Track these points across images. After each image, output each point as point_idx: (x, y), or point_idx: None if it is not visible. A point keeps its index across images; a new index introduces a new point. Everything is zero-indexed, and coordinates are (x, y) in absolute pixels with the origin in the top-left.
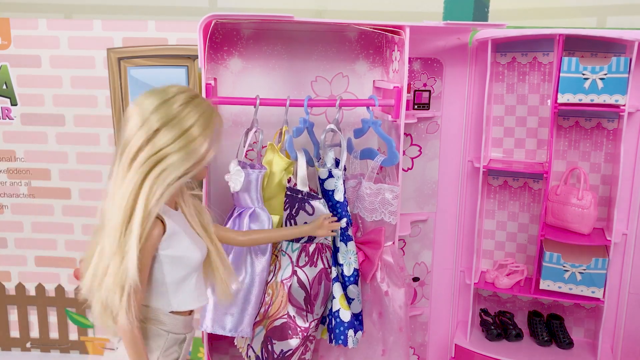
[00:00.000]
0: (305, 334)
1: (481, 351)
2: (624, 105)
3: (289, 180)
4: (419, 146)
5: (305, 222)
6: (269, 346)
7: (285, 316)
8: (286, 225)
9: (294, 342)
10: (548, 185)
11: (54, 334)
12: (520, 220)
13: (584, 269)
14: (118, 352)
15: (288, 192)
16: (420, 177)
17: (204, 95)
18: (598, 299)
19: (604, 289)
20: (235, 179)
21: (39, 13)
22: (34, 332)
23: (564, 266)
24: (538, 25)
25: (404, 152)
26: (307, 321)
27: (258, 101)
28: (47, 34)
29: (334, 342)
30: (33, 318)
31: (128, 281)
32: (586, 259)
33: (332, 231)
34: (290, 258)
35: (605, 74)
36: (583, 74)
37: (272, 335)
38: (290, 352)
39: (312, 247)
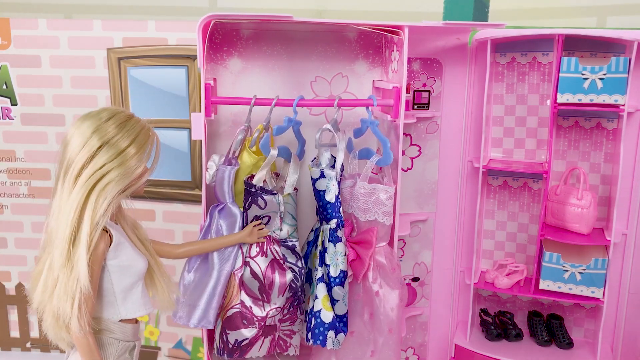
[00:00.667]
0: (263, 323)
1: (481, 351)
2: (623, 105)
3: (251, 177)
4: (418, 146)
5: (256, 215)
6: (224, 336)
7: (238, 305)
8: (243, 217)
9: (248, 332)
10: (548, 185)
11: None
12: (520, 220)
13: (584, 269)
14: None
15: (245, 187)
16: (420, 177)
17: (203, 95)
18: (598, 299)
19: (603, 289)
20: (209, 172)
21: (39, 13)
22: (34, 332)
23: (563, 266)
24: (537, 25)
25: (403, 152)
26: (264, 310)
27: (253, 101)
28: (47, 34)
29: (311, 342)
30: (33, 318)
31: (79, 289)
32: (586, 259)
33: (260, 238)
34: (241, 249)
35: (605, 74)
36: (582, 74)
37: (226, 325)
38: (247, 341)
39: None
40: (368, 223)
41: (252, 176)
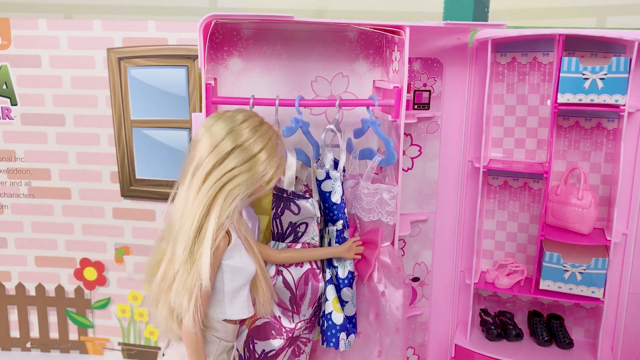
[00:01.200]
0: (291, 334)
1: (481, 351)
2: (623, 105)
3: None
4: (419, 146)
5: (291, 222)
6: (251, 345)
7: (268, 315)
8: (273, 223)
9: (276, 342)
10: (548, 185)
11: (54, 334)
12: (520, 220)
13: (584, 269)
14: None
15: (274, 192)
16: (420, 177)
17: (203, 95)
18: (598, 299)
19: (604, 289)
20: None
21: (39, 13)
22: (34, 332)
23: (564, 266)
24: (538, 25)
25: (404, 152)
26: (293, 322)
27: (251, 101)
28: (47, 34)
29: (325, 345)
30: (33, 318)
31: (198, 285)
32: (586, 259)
33: (356, 254)
34: None
35: (605, 74)
36: (583, 74)
37: (254, 334)
38: (274, 352)
39: (298, 247)
40: (372, 223)
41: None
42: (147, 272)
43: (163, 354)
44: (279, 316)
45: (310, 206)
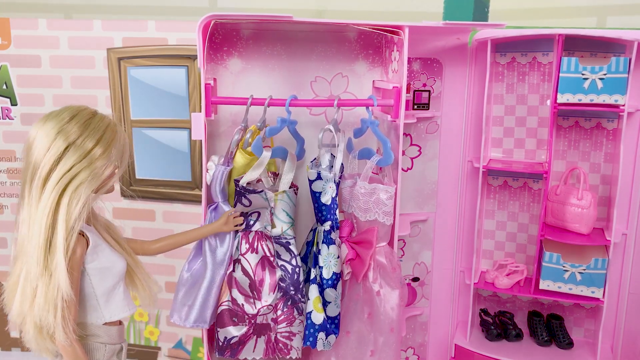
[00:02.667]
0: (254, 320)
1: (481, 351)
2: (623, 105)
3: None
4: (418, 146)
5: (242, 213)
6: (216, 334)
7: (227, 303)
8: None
9: (236, 330)
10: (548, 185)
11: None
12: (520, 220)
13: (584, 269)
14: None
15: (235, 186)
16: (420, 177)
17: (203, 95)
18: (598, 299)
19: (603, 289)
20: (209, 172)
21: (39, 13)
22: None
23: (563, 266)
24: (538, 25)
25: (403, 152)
26: (255, 308)
27: (249, 101)
28: (47, 34)
29: (302, 343)
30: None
31: (60, 296)
32: (586, 259)
33: (236, 225)
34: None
35: (605, 74)
36: (582, 74)
37: (216, 322)
38: (236, 339)
39: (251, 235)
40: (368, 223)
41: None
42: (6, 297)
43: None
44: (242, 303)
45: (263, 198)
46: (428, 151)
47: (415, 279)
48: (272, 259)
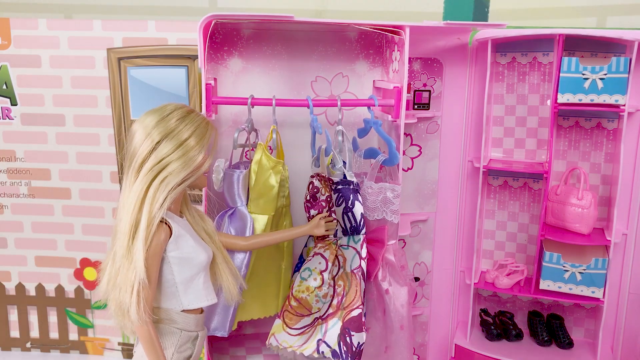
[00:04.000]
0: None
1: (481, 351)
2: (623, 105)
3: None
4: (419, 146)
5: (362, 213)
6: (347, 338)
7: (361, 306)
8: (344, 218)
9: (365, 335)
10: (548, 185)
11: (54, 334)
12: (520, 220)
13: (584, 269)
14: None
15: (339, 187)
16: (420, 177)
17: (203, 95)
18: (598, 299)
19: (603, 289)
20: (216, 176)
21: (39, 13)
22: (34, 332)
23: (564, 266)
24: (538, 25)
25: (404, 152)
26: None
27: (249, 101)
28: (47, 34)
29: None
30: (33, 318)
31: (137, 279)
32: (586, 259)
33: (327, 230)
34: (355, 249)
35: (605, 74)
36: (583, 74)
37: (350, 326)
38: (364, 345)
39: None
40: (376, 222)
41: (323, 176)
42: (100, 272)
43: (135, 352)
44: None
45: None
46: (428, 151)
47: (416, 279)
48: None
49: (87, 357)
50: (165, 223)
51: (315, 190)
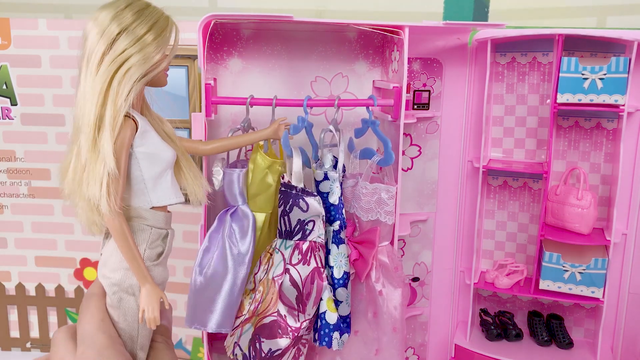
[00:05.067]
0: (296, 334)
1: (481, 351)
2: (623, 105)
3: (282, 177)
4: (418, 146)
5: (299, 219)
6: (257, 344)
7: (275, 314)
8: (281, 220)
9: (283, 341)
10: (548, 185)
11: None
12: (520, 220)
13: (584, 269)
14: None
15: (282, 189)
16: (420, 177)
17: (203, 95)
18: (598, 299)
19: (603, 289)
20: (216, 177)
21: (39, 13)
22: (34, 332)
23: (563, 266)
24: (538, 25)
25: (403, 152)
26: (299, 321)
27: (248, 101)
28: (47, 34)
29: (317, 343)
30: (33, 318)
31: (106, 171)
32: (586, 259)
33: (286, 126)
34: (283, 255)
35: (605, 74)
36: (582, 74)
37: (261, 332)
38: (280, 352)
39: (305, 245)
40: (371, 223)
41: (283, 176)
42: (60, 174)
43: (101, 254)
44: (284, 315)
45: (317, 204)
46: (428, 151)
47: (415, 279)
48: (322, 270)
49: None
50: (130, 118)
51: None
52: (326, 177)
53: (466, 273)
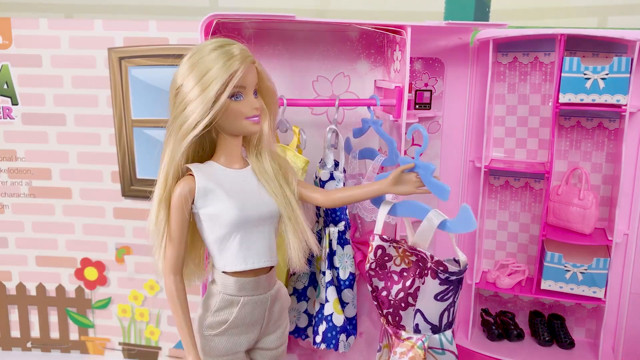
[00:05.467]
0: None
1: (482, 351)
2: (625, 105)
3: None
4: (419, 146)
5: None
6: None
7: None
8: (441, 316)
9: None
10: (549, 185)
11: (54, 334)
12: (522, 220)
13: (585, 269)
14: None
15: (451, 277)
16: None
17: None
18: (599, 299)
19: (605, 289)
20: None
21: (40, 12)
22: (35, 332)
23: (565, 266)
24: (539, 25)
25: (405, 151)
26: None
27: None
28: (48, 33)
29: (324, 346)
30: (33, 318)
31: (150, 231)
32: (587, 259)
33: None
34: (454, 354)
35: (607, 74)
36: (584, 74)
37: None
38: None
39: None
40: (374, 223)
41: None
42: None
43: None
44: None
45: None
46: (430, 151)
47: None
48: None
49: (88, 357)
50: (191, 175)
51: (386, 258)
52: (332, 177)
53: (467, 273)
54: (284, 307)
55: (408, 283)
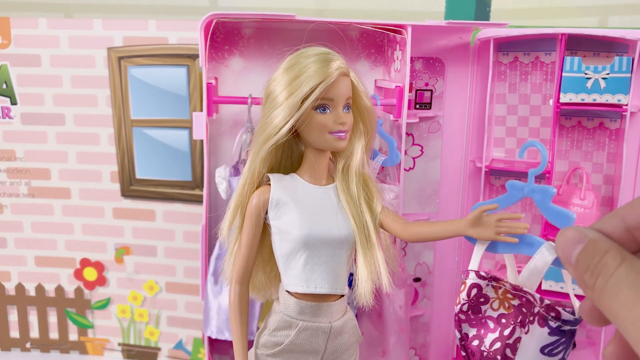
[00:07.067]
0: None
1: None
2: (626, 105)
3: None
4: (420, 146)
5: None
6: None
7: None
8: None
9: None
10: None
11: (53, 334)
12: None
13: None
14: None
15: (564, 327)
16: (422, 177)
17: (205, 94)
18: None
19: None
20: (220, 187)
21: (39, 12)
22: (34, 332)
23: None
24: (540, 24)
25: (405, 151)
26: None
27: (249, 100)
28: (47, 33)
29: None
30: (33, 318)
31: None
32: None
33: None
34: None
35: (608, 74)
36: (585, 74)
37: None
38: None
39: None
40: None
41: None
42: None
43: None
44: None
45: None
46: (430, 151)
47: (417, 280)
48: None
49: (87, 357)
50: (269, 185)
51: (482, 300)
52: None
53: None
54: (353, 342)
55: (507, 332)
